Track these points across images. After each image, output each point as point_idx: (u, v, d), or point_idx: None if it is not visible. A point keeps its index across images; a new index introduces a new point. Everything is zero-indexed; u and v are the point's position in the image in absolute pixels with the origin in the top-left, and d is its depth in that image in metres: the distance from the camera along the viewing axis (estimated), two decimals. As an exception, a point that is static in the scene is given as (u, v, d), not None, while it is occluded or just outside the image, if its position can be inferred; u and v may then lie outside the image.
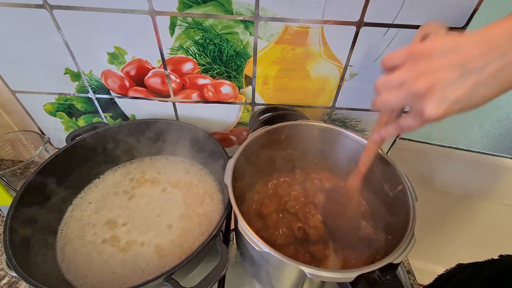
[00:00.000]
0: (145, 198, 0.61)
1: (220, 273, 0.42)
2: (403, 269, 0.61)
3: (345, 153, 0.55)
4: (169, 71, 0.60)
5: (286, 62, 0.57)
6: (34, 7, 0.51)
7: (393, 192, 0.47)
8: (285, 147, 0.58)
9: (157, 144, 0.68)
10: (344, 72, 0.58)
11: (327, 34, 0.52)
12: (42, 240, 0.52)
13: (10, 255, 0.43)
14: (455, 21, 0.49)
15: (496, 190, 0.86)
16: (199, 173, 0.67)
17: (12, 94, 0.65)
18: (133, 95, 0.64)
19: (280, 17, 0.51)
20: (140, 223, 0.57)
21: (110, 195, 0.62)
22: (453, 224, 1.02)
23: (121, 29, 0.53)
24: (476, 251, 1.09)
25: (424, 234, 1.02)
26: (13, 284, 0.54)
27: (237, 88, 0.62)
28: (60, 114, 0.69)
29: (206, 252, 0.45)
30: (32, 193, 0.51)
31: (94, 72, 0.60)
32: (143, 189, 0.63)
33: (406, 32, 0.51)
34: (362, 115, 0.65)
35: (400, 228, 0.41)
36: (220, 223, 0.47)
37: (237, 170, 0.48)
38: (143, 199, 0.61)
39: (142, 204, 0.60)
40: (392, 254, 0.36)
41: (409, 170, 0.49)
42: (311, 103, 0.64)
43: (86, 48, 0.56)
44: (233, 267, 0.57)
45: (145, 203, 0.60)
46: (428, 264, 1.22)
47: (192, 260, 0.42)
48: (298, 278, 0.40)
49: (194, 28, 0.53)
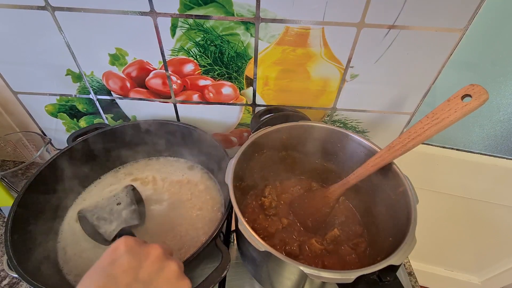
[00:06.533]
0: (146, 199, 0.61)
1: (221, 274, 0.42)
2: (404, 270, 0.61)
3: (347, 154, 0.55)
4: (170, 72, 0.60)
5: (287, 63, 0.57)
6: (36, 8, 0.51)
7: (394, 194, 0.47)
8: (286, 148, 0.58)
9: (158, 145, 0.68)
10: (345, 73, 0.58)
11: (328, 35, 0.52)
12: (43, 241, 0.52)
13: (11, 255, 0.43)
14: (456, 23, 0.49)
15: (497, 192, 0.86)
16: (200, 174, 0.67)
17: (13, 95, 0.65)
18: (134, 96, 0.65)
19: (281, 19, 0.51)
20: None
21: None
22: (454, 225, 1.01)
23: (122, 31, 0.53)
24: (477, 252, 1.09)
25: (425, 236, 1.02)
26: (14, 285, 0.54)
27: (238, 89, 0.62)
28: (61, 115, 0.69)
29: (206, 253, 0.45)
30: (33, 194, 0.51)
31: (95, 73, 0.61)
32: (143, 190, 0.63)
33: (406, 34, 0.51)
34: (363, 116, 0.65)
35: (401, 229, 0.41)
36: (220, 224, 0.47)
37: (238, 170, 0.48)
38: (144, 201, 0.61)
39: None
40: (393, 256, 0.36)
41: (410, 171, 0.49)
42: (312, 104, 0.64)
43: (87, 49, 0.57)
44: (233, 268, 0.57)
45: (146, 204, 0.60)
46: (429, 265, 1.22)
47: (193, 261, 0.42)
48: (298, 279, 0.40)
49: (195, 29, 0.53)
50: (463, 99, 0.36)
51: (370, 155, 0.47)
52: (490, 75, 0.68)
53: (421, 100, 0.61)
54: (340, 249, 0.52)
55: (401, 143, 0.42)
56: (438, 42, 0.52)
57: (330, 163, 0.59)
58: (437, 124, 0.37)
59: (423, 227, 0.55)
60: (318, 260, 0.50)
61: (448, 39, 0.51)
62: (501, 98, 0.69)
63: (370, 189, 0.53)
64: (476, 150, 0.78)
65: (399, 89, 0.59)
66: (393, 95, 0.61)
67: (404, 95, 0.60)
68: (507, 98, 0.69)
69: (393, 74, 0.57)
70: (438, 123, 0.37)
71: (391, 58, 0.54)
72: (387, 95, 0.61)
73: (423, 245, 0.62)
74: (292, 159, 0.60)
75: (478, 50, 0.64)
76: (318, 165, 0.60)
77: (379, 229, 0.51)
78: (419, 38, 0.51)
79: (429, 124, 0.38)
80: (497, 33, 0.61)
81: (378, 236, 0.51)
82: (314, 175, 0.63)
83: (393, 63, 0.55)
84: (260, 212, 0.57)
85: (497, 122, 0.73)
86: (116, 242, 0.34)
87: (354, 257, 0.51)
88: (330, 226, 0.54)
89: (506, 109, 0.70)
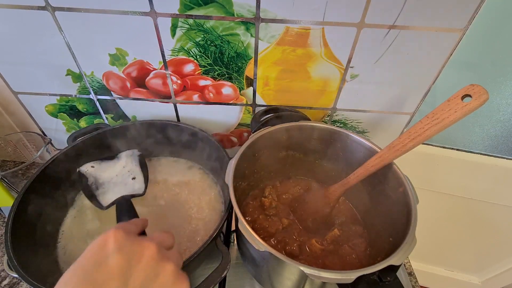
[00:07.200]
0: (146, 200, 0.61)
1: (221, 274, 0.42)
2: (404, 270, 0.61)
3: (347, 154, 0.55)
4: (170, 73, 0.60)
5: (287, 63, 0.57)
6: (37, 8, 0.51)
7: (394, 194, 0.47)
8: (286, 148, 0.58)
9: (158, 145, 0.68)
10: (345, 74, 0.58)
11: (328, 36, 0.52)
12: (43, 241, 0.52)
13: (11, 256, 0.43)
14: (456, 23, 0.49)
15: (497, 192, 0.86)
16: (200, 174, 0.67)
17: (14, 95, 0.65)
18: (134, 96, 0.65)
19: (281, 19, 0.51)
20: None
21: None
22: (454, 225, 1.01)
23: (122, 31, 0.53)
24: (477, 252, 1.09)
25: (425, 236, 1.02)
26: (14, 285, 0.54)
27: (238, 90, 0.62)
28: (61, 115, 0.69)
29: (207, 254, 0.45)
30: (34, 194, 0.51)
31: (95, 73, 0.61)
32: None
33: (406, 34, 0.51)
34: (363, 116, 0.65)
35: (401, 229, 0.41)
36: (220, 224, 0.47)
37: (238, 170, 0.48)
38: (144, 201, 0.61)
39: (143, 205, 0.60)
40: (393, 256, 0.36)
41: (410, 171, 0.49)
42: (312, 104, 0.64)
43: (87, 49, 0.57)
44: (234, 269, 0.57)
45: (146, 204, 0.60)
46: (429, 265, 1.22)
47: (193, 262, 0.42)
48: (298, 279, 0.40)
49: (195, 29, 0.53)
50: (463, 99, 0.36)
51: (370, 155, 0.47)
52: (490, 75, 0.68)
53: (421, 100, 0.61)
54: (340, 249, 0.52)
55: (401, 143, 0.42)
56: (438, 42, 0.52)
57: (330, 163, 0.59)
58: (437, 124, 0.38)
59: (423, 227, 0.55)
60: (318, 260, 0.50)
61: (448, 39, 0.51)
62: (501, 98, 0.69)
63: (370, 189, 0.53)
64: (476, 150, 0.78)
65: (399, 89, 0.60)
66: (393, 95, 0.61)
67: (404, 95, 0.60)
68: (507, 98, 0.69)
69: (393, 74, 0.57)
70: (438, 123, 0.37)
71: (391, 58, 0.54)
72: (387, 95, 0.61)
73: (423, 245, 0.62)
74: (292, 159, 0.60)
75: (478, 50, 0.64)
76: (318, 165, 0.60)
77: (379, 229, 0.51)
78: (419, 38, 0.51)
79: (429, 124, 0.38)
80: (497, 33, 0.61)
81: (378, 236, 0.51)
82: (314, 175, 0.63)
83: (393, 63, 0.55)
84: (260, 212, 0.57)
85: (497, 122, 0.73)
86: (104, 235, 0.29)
87: (354, 257, 0.51)
88: (330, 226, 0.55)
89: (506, 109, 0.70)
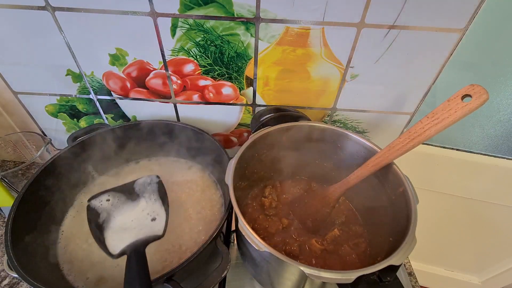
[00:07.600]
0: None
1: (221, 274, 0.42)
2: (404, 270, 0.61)
3: (347, 154, 0.55)
4: (170, 73, 0.60)
5: (287, 63, 0.57)
6: (37, 8, 0.51)
7: (394, 194, 0.47)
8: (286, 148, 0.58)
9: (158, 145, 0.68)
10: (345, 74, 0.58)
11: (328, 36, 0.52)
12: (43, 241, 0.52)
13: (11, 256, 0.43)
14: (456, 23, 0.49)
15: (497, 192, 0.86)
16: (200, 174, 0.67)
17: (14, 95, 0.65)
18: (134, 96, 0.65)
19: (281, 19, 0.51)
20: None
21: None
22: (454, 225, 1.01)
23: (122, 31, 0.53)
24: (477, 252, 1.09)
25: (425, 236, 1.02)
26: (14, 285, 0.54)
27: (238, 90, 0.62)
28: (61, 115, 0.69)
29: (207, 254, 0.45)
30: (34, 194, 0.51)
31: (95, 74, 0.61)
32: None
33: (406, 34, 0.51)
34: (363, 116, 0.65)
35: (401, 230, 0.41)
36: (220, 224, 0.47)
37: (238, 170, 0.48)
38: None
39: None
40: (393, 256, 0.36)
41: (410, 171, 0.49)
42: (312, 104, 0.64)
43: (87, 49, 0.57)
44: (233, 269, 0.57)
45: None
46: (429, 265, 1.22)
47: (193, 262, 0.42)
48: (298, 279, 0.40)
49: (195, 29, 0.53)
50: (463, 99, 0.36)
51: (370, 155, 0.47)
52: (490, 75, 0.68)
53: (421, 100, 0.61)
54: (340, 249, 0.52)
55: (401, 143, 0.42)
56: (438, 42, 0.52)
57: (330, 163, 0.59)
58: (437, 124, 0.38)
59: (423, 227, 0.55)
60: (318, 260, 0.50)
61: (448, 39, 0.51)
62: (501, 98, 0.69)
63: (370, 189, 0.53)
64: (476, 150, 0.78)
65: (399, 89, 0.60)
66: (393, 95, 0.61)
67: (404, 95, 0.60)
68: (507, 98, 0.69)
69: (393, 74, 0.57)
70: (438, 123, 0.37)
71: (391, 58, 0.54)
72: (387, 95, 0.61)
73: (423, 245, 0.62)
74: (292, 159, 0.60)
75: (478, 50, 0.64)
76: (318, 165, 0.60)
77: (379, 229, 0.51)
78: (419, 38, 0.51)
79: (429, 124, 0.38)
80: (497, 33, 0.61)
81: (378, 236, 0.51)
82: (314, 175, 0.63)
83: (393, 63, 0.55)
84: (260, 212, 0.57)
85: (497, 122, 0.73)
86: None
87: (354, 257, 0.51)
88: (330, 226, 0.55)
89: (506, 109, 0.70)
